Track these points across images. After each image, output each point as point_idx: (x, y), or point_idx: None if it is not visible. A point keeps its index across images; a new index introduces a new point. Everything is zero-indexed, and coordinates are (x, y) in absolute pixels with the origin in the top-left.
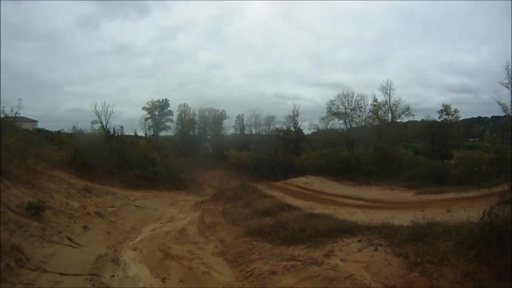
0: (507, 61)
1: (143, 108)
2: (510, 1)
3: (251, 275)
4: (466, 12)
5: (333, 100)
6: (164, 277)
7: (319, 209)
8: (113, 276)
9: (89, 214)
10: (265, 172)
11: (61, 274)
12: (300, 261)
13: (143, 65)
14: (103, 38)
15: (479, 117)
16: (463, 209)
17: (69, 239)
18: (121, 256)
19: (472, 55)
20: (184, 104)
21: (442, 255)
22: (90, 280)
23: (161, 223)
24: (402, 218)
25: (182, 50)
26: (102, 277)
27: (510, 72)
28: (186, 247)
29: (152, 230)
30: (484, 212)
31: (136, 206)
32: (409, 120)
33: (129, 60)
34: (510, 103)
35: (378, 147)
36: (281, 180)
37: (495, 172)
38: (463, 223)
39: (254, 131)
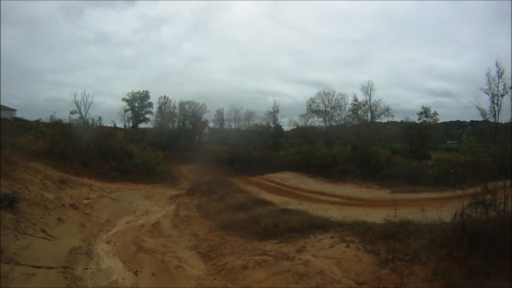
0: (488, 68)
1: (123, 99)
2: (492, 12)
3: (223, 269)
4: (450, 19)
5: (314, 98)
6: (137, 270)
7: (293, 205)
8: (86, 269)
9: (64, 206)
10: (242, 167)
11: (34, 267)
12: (271, 256)
13: (125, 55)
14: (87, 27)
15: (458, 120)
16: (437, 209)
17: (43, 231)
18: (94, 249)
19: (454, 61)
20: (165, 96)
21: (414, 253)
22: (63, 273)
23: (136, 216)
24: (375, 216)
25: (165, 42)
26: (75, 270)
27: (490, 78)
28: (159, 240)
29: (126, 223)
30: (456, 213)
31: (112, 198)
32: (389, 121)
33: (111, 50)
34: (489, 109)
35: (356, 146)
36: (258, 175)
37: (470, 174)
38: (435, 223)
39: (233, 126)
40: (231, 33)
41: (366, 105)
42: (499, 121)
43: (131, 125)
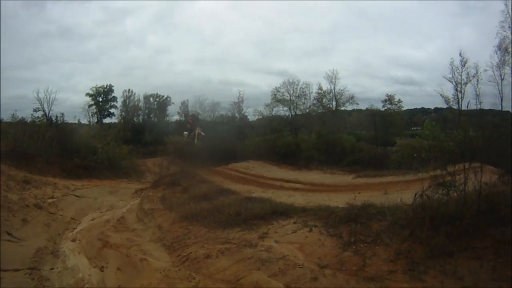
0: (452, 58)
1: (87, 94)
2: (457, 5)
3: (187, 259)
4: (416, 10)
5: (278, 87)
6: (102, 266)
7: (257, 193)
8: (53, 268)
9: (28, 206)
10: (208, 157)
11: (1, 270)
12: (234, 243)
13: (89, 49)
14: (49, 20)
15: (422, 108)
16: (400, 192)
17: (8, 233)
18: (60, 248)
19: (419, 51)
20: (129, 90)
21: (376, 235)
22: (29, 274)
23: (101, 212)
24: (339, 200)
25: (130, 34)
26: (41, 271)
27: (454, 67)
28: (124, 235)
29: (91, 220)
30: (416, 194)
31: (76, 196)
32: (354, 109)
33: (75, 44)
34: (452, 96)
35: (320, 134)
36: (223, 165)
37: (433, 158)
38: (397, 205)
39: (199, 117)
40: (196, 25)
41: (331, 94)
42: (462, 108)
43: (96, 120)
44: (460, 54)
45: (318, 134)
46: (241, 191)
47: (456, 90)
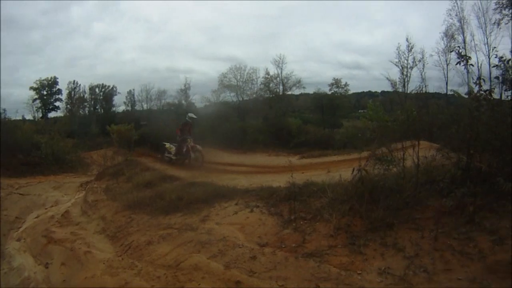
0: (398, 43)
1: (31, 88)
2: None
3: (129, 248)
4: None
5: (225, 73)
6: (47, 263)
7: (201, 177)
8: None
9: None
10: (153, 146)
11: None
12: (176, 228)
13: (32, 40)
14: None
15: (369, 91)
16: (343, 170)
17: None
18: (6, 248)
19: (366, 36)
20: (74, 81)
21: (316, 212)
22: None
23: (46, 209)
24: (282, 181)
25: (75, 22)
26: None
27: (400, 52)
28: (69, 229)
29: (36, 217)
30: (353, 169)
31: (20, 194)
32: (301, 93)
33: (17, 35)
34: (398, 80)
35: (266, 117)
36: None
37: (377, 137)
38: (338, 181)
39: (145, 107)
40: (142, 12)
41: (278, 78)
42: (408, 91)
43: (41, 115)
44: (407, 40)
45: (265, 118)
46: (184, 177)
47: (402, 74)
